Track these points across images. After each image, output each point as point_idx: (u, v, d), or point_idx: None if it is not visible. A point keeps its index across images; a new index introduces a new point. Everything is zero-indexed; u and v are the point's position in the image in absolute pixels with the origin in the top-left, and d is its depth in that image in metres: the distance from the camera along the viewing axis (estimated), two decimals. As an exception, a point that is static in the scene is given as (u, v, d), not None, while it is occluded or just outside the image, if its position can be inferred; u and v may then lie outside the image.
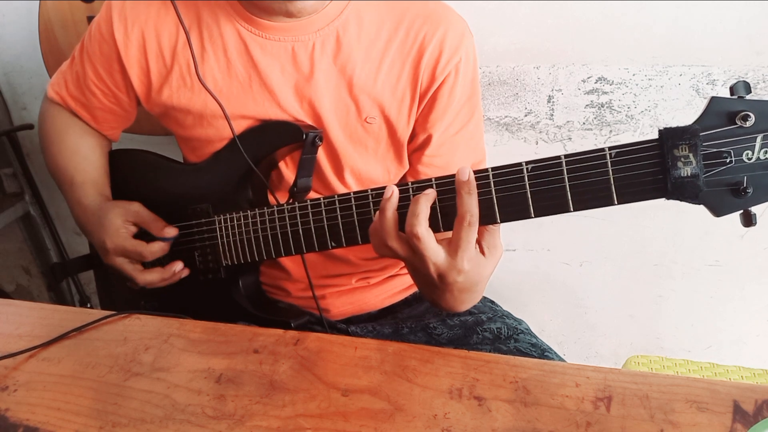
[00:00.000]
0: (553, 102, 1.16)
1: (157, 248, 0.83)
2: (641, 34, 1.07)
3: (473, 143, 0.86)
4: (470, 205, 0.58)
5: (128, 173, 0.94)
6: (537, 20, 1.10)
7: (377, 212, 0.64)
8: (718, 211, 0.54)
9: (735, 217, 0.55)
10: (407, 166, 0.88)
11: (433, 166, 0.84)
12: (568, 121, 1.17)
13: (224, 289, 0.86)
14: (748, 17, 1.02)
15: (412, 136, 0.85)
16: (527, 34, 1.12)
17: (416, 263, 0.63)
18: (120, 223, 0.83)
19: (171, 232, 0.84)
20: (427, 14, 0.80)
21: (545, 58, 1.13)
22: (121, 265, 0.84)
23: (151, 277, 0.84)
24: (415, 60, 0.80)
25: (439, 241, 0.61)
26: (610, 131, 1.16)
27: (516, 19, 1.11)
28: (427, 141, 0.83)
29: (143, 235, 0.85)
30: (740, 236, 1.18)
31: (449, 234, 0.61)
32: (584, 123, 1.17)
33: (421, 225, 0.59)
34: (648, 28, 1.06)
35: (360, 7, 0.80)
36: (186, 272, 0.86)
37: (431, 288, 0.65)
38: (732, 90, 0.52)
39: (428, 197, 0.61)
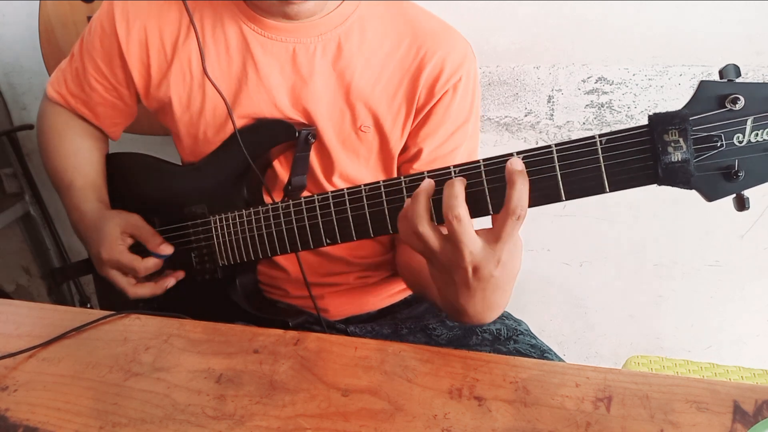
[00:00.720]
0: (553, 102, 1.16)
1: (151, 264, 0.83)
2: (641, 34, 1.07)
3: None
4: (523, 197, 0.54)
5: (124, 176, 0.94)
6: (537, 20, 1.10)
7: (409, 198, 0.59)
8: (710, 195, 0.53)
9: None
10: None
11: None
12: (568, 121, 1.17)
13: (222, 290, 0.86)
14: (748, 17, 1.02)
15: (404, 149, 0.85)
16: (527, 34, 1.12)
17: (448, 254, 0.57)
18: (117, 234, 0.83)
19: (167, 249, 0.84)
20: (432, 33, 0.80)
21: (545, 58, 1.13)
22: (114, 277, 0.84)
23: (143, 291, 0.84)
24: (414, 75, 0.80)
25: (477, 231, 0.57)
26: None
27: (516, 19, 1.11)
28: (417, 154, 0.83)
29: (138, 246, 0.85)
30: (740, 236, 1.18)
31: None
32: (584, 123, 1.17)
33: (461, 206, 0.55)
34: (648, 28, 1.06)
35: (365, 17, 0.80)
36: (182, 274, 0.86)
37: (459, 288, 0.60)
38: (721, 74, 0.52)
39: (462, 181, 0.57)
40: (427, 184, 0.58)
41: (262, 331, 0.67)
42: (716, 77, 0.52)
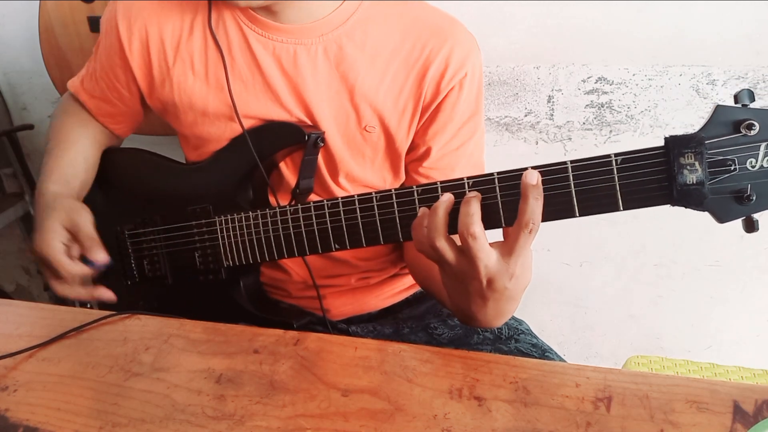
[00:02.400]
0: (553, 102, 1.16)
1: (76, 270, 0.76)
2: (641, 34, 1.07)
3: (473, 159, 0.85)
4: (536, 211, 0.55)
5: (129, 173, 0.94)
6: (537, 20, 1.10)
7: (422, 209, 0.61)
8: (721, 217, 0.54)
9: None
10: (403, 178, 0.88)
11: (431, 179, 0.84)
12: (568, 121, 1.17)
13: (225, 290, 0.86)
14: (748, 17, 1.02)
15: (412, 147, 0.85)
16: (527, 34, 1.12)
17: (463, 267, 0.58)
18: (56, 227, 0.76)
19: (101, 257, 0.76)
20: (435, 28, 0.80)
21: (545, 58, 1.13)
22: (42, 267, 0.79)
23: (65, 291, 0.78)
24: (420, 73, 0.79)
25: (491, 244, 0.58)
26: (610, 131, 1.16)
27: (516, 19, 1.11)
28: (427, 153, 0.83)
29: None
30: (740, 236, 1.19)
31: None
32: (584, 123, 1.17)
33: (477, 224, 0.56)
34: (648, 28, 1.06)
35: (367, 17, 0.80)
36: (113, 297, 0.80)
37: (472, 298, 0.61)
38: (736, 98, 0.53)
39: (479, 198, 0.58)
40: (447, 198, 0.59)
41: (262, 331, 0.67)
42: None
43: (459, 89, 0.80)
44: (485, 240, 0.57)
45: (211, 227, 0.84)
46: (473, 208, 0.57)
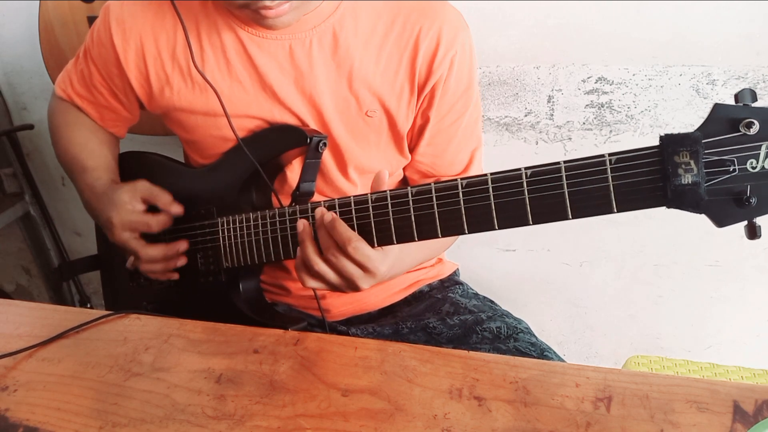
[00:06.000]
0: (553, 102, 1.16)
1: (163, 219, 0.83)
2: (641, 34, 1.07)
3: (468, 131, 0.87)
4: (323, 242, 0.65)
5: (136, 175, 0.94)
6: (537, 20, 1.10)
7: (298, 248, 0.69)
8: (720, 221, 0.52)
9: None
10: (409, 158, 0.89)
11: (428, 155, 0.87)
12: (568, 121, 1.17)
13: (225, 293, 0.86)
14: (748, 17, 1.02)
15: (411, 127, 0.86)
16: (527, 34, 1.12)
17: (341, 284, 0.68)
18: (128, 198, 0.83)
19: (176, 208, 0.85)
20: (422, 8, 0.80)
21: (545, 58, 1.13)
22: (127, 240, 0.83)
23: (155, 252, 0.83)
24: (411, 53, 0.80)
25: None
26: (610, 131, 1.16)
27: (516, 19, 1.11)
28: (421, 131, 0.85)
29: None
30: (740, 236, 1.18)
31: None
32: (584, 123, 1.17)
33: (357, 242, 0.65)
34: (648, 28, 1.06)
35: (356, 3, 0.80)
36: (184, 260, 0.86)
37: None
38: (737, 98, 0.51)
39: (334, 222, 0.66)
40: (303, 229, 0.68)
41: (262, 331, 0.67)
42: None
43: (450, 68, 0.81)
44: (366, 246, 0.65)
45: (213, 228, 0.84)
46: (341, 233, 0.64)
